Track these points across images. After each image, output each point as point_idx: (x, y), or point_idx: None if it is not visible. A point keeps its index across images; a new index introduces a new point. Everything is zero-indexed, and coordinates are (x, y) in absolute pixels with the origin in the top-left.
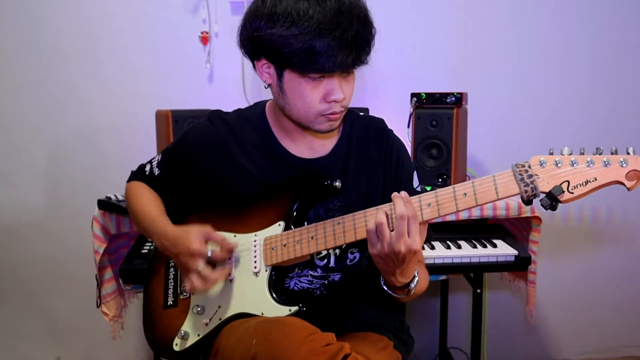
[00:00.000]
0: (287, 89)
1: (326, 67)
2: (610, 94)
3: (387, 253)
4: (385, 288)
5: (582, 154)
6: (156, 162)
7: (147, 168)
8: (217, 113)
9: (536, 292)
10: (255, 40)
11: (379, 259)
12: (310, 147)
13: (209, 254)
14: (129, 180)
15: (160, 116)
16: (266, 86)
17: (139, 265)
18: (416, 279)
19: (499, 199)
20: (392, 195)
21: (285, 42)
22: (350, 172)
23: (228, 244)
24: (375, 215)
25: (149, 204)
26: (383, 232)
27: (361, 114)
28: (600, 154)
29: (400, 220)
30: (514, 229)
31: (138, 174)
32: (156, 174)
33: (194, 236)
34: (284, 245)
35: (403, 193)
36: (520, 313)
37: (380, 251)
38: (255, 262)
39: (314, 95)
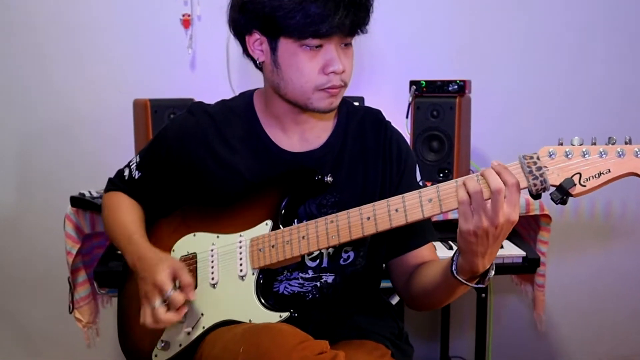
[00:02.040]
0: (282, 61)
1: (323, 29)
2: (625, 81)
3: (484, 226)
4: (459, 278)
5: (594, 144)
6: (135, 164)
7: (126, 173)
8: (199, 104)
9: (545, 296)
10: (247, 9)
11: (472, 237)
12: (302, 138)
13: (169, 294)
14: (106, 190)
15: (138, 106)
16: (259, 64)
17: (115, 267)
18: (494, 266)
19: None
20: (481, 172)
21: (279, 5)
22: (345, 166)
23: (190, 292)
24: (465, 184)
25: (127, 219)
26: (480, 200)
27: (356, 104)
28: (613, 143)
29: (497, 194)
30: (521, 228)
31: (117, 182)
32: (137, 177)
33: (163, 268)
34: (272, 246)
35: (495, 162)
36: (528, 319)
37: (475, 225)
38: (241, 265)
39: (312, 66)
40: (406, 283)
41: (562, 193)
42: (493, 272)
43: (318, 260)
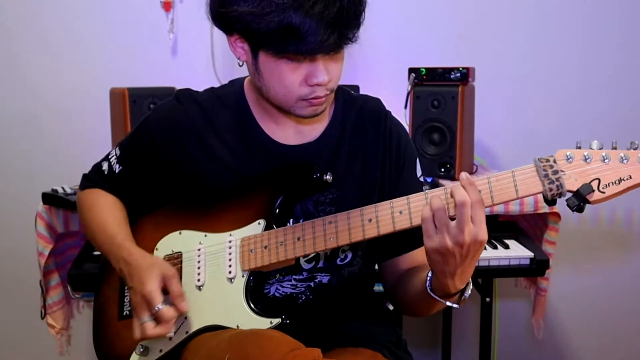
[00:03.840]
0: (263, 70)
1: (305, 49)
2: None
3: (449, 246)
4: (434, 295)
5: (615, 148)
6: (115, 157)
7: (105, 167)
8: (187, 92)
9: (553, 300)
10: (224, 17)
11: (437, 256)
12: (297, 131)
13: (158, 308)
14: (82, 188)
15: (115, 95)
16: (240, 64)
17: (90, 270)
18: (470, 285)
19: (518, 198)
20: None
21: (256, 20)
22: (343, 160)
23: (181, 305)
24: (429, 201)
25: (108, 218)
26: (442, 218)
27: (352, 92)
28: (635, 148)
29: (463, 207)
30: (528, 227)
31: (95, 178)
32: (117, 171)
33: (152, 276)
34: (265, 247)
35: (464, 175)
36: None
37: (440, 244)
38: (230, 266)
39: (294, 78)
40: (394, 285)
41: (580, 199)
42: (469, 292)
43: (314, 262)
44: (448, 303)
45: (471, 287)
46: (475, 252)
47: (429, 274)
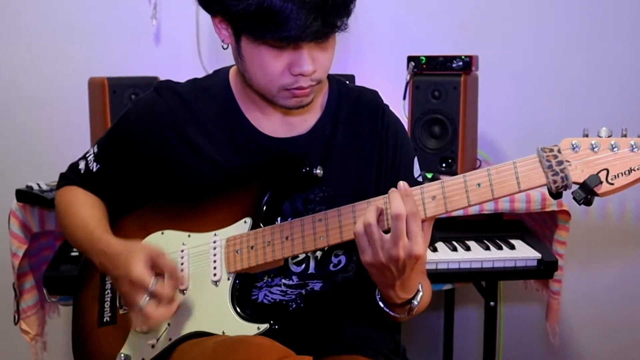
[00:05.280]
0: (245, 55)
1: (285, 35)
2: None
3: (383, 261)
4: (382, 305)
5: (625, 135)
6: (92, 155)
7: (82, 165)
8: (167, 83)
9: (563, 303)
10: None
11: (372, 269)
12: (285, 123)
13: (152, 287)
14: (58, 187)
15: (95, 85)
16: (225, 47)
17: (67, 272)
18: (420, 294)
19: (520, 191)
20: (390, 190)
21: (234, 2)
22: (335, 156)
23: (178, 276)
24: (365, 212)
25: (86, 214)
26: (373, 234)
27: (347, 82)
28: None
29: (397, 220)
30: (535, 226)
31: (70, 176)
32: (95, 170)
33: (137, 259)
34: (251, 248)
35: (402, 184)
36: (543, 331)
37: (373, 259)
38: (214, 268)
39: (276, 66)
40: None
41: (587, 192)
42: (416, 302)
43: (304, 265)
44: (393, 314)
45: (419, 297)
46: (412, 265)
47: None
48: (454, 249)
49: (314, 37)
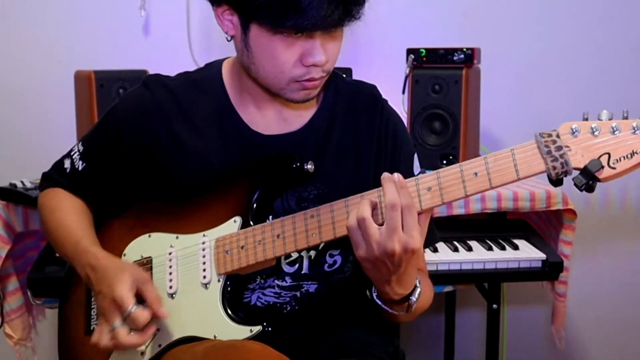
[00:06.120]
0: (253, 46)
1: (305, 24)
2: None
3: (377, 255)
4: (379, 302)
5: (626, 118)
6: (77, 153)
7: (67, 164)
8: (156, 77)
9: (567, 306)
10: None
11: (367, 264)
12: (281, 118)
13: (129, 311)
14: (42, 188)
15: (81, 78)
16: (228, 39)
17: (52, 273)
18: (418, 289)
19: (519, 179)
20: (382, 176)
21: None
22: (331, 152)
23: (159, 310)
24: (358, 206)
25: (71, 221)
26: (368, 228)
27: (344, 76)
28: None
29: (392, 210)
30: (541, 225)
31: (55, 177)
32: (80, 168)
33: (123, 281)
34: (242, 248)
35: (396, 175)
36: (548, 334)
37: (367, 253)
38: (204, 270)
39: (288, 56)
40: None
41: (588, 177)
42: (414, 299)
43: (297, 265)
44: (391, 311)
45: (418, 293)
46: (408, 259)
47: None
48: (455, 249)
49: (332, 26)
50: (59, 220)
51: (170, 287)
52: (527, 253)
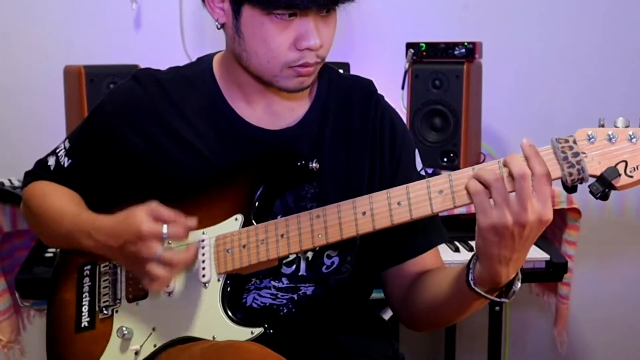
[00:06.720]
0: (245, 31)
1: (298, 2)
2: None
3: (510, 223)
4: (478, 290)
5: None
6: (63, 150)
7: (51, 161)
8: (146, 71)
9: (571, 309)
10: None
11: (493, 236)
12: (272, 113)
13: (165, 233)
14: (24, 185)
15: (70, 74)
16: (219, 26)
17: (41, 274)
18: (520, 276)
19: None
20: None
21: None
22: (325, 149)
23: (184, 219)
24: (478, 172)
25: (64, 200)
26: (501, 191)
27: (340, 71)
28: None
29: (523, 179)
30: None
31: (38, 172)
32: (66, 165)
33: (141, 216)
34: (243, 246)
35: (525, 141)
36: (551, 337)
37: (500, 220)
38: (203, 269)
39: (281, 40)
40: (404, 299)
41: (604, 185)
42: (519, 284)
43: (294, 266)
44: (494, 298)
45: (519, 278)
46: (536, 234)
47: (471, 265)
48: (456, 250)
49: (326, 5)
50: (52, 203)
51: (168, 286)
52: (530, 253)
